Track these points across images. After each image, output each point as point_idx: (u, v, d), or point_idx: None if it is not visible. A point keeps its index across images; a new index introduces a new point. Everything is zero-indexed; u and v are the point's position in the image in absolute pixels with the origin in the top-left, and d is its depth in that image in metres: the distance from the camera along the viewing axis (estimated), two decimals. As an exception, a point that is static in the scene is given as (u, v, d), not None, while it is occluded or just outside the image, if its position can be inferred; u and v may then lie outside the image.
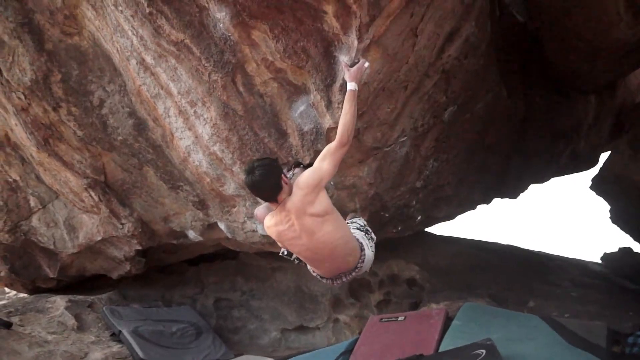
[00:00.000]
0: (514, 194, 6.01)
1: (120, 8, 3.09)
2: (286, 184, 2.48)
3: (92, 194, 4.22)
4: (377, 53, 2.78)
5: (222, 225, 4.17)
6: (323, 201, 2.47)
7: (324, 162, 2.48)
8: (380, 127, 3.28)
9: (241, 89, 3.14)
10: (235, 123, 3.30)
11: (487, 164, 4.78)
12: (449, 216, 5.14)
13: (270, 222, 2.60)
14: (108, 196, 4.25)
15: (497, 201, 5.88)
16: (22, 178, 4.51)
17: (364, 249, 2.68)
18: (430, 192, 4.16)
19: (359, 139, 3.22)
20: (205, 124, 3.39)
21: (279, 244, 2.74)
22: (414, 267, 4.79)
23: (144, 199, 4.28)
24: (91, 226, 4.51)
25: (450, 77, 3.51)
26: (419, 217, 4.25)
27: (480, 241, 6.41)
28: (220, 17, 2.80)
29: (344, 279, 2.68)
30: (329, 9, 2.56)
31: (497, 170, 5.11)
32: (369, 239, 2.79)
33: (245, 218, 3.95)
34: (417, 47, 3.01)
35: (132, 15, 3.07)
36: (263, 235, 4.05)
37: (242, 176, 3.55)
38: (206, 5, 2.80)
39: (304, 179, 2.49)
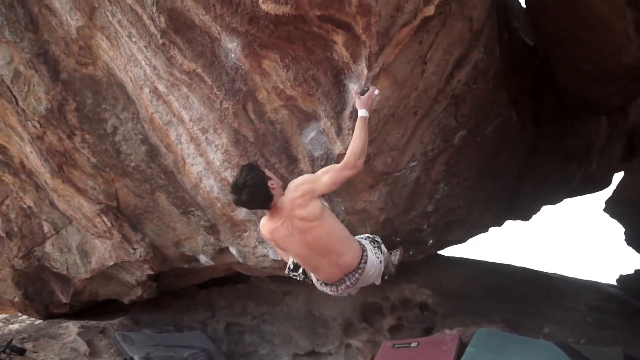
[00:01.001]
0: (526, 216, 5.95)
1: (134, 39, 3.16)
2: (274, 189, 2.55)
3: (105, 219, 4.25)
4: (386, 80, 2.81)
5: (233, 250, 4.17)
6: (313, 209, 2.49)
7: (325, 176, 2.52)
8: (391, 152, 3.29)
9: (252, 116, 3.18)
10: (246, 149, 3.33)
11: (498, 186, 4.75)
12: (461, 239, 5.10)
13: (264, 221, 2.68)
14: (120, 221, 4.29)
15: (509, 223, 5.84)
16: (36, 204, 4.57)
17: (365, 251, 2.66)
18: (442, 216, 4.13)
19: (370, 164, 3.22)
20: (216, 150, 3.43)
21: (274, 245, 2.75)
22: (426, 291, 4.73)
23: (155, 224, 4.30)
24: (103, 251, 4.54)
25: (459, 102, 3.52)
26: (431, 241, 4.22)
27: (493, 263, 6.33)
28: (232, 47, 2.85)
29: (348, 283, 2.63)
30: (339, 39, 2.60)
31: (509, 193, 5.08)
32: (374, 246, 2.78)
33: (257, 243, 3.96)
34: (426, 73, 3.03)
35: (145, 46, 3.14)
36: (274, 260, 4.05)
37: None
38: (218, 36, 2.85)
39: (299, 182, 2.55)
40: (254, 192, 2.50)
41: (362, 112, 2.64)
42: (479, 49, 3.37)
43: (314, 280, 2.83)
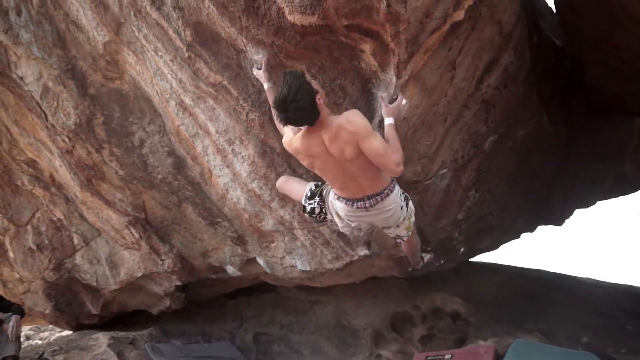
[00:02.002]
0: (559, 221, 5.79)
1: (160, 53, 3.17)
2: (321, 105, 2.39)
3: (133, 231, 4.28)
4: (415, 88, 2.74)
5: (260, 261, 4.15)
6: (354, 150, 2.39)
7: (377, 142, 2.38)
8: (420, 160, 3.22)
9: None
10: (273, 160, 3.30)
11: (529, 191, 4.62)
12: (493, 246, 4.97)
13: (295, 134, 2.52)
14: (148, 233, 4.31)
15: (541, 228, 5.68)
16: (66, 217, 4.63)
17: (394, 186, 2.63)
18: (473, 223, 4.04)
19: (399, 173, 3.16)
20: (243, 162, 3.41)
21: (301, 157, 2.60)
22: (458, 300, 4.62)
23: (183, 235, 4.31)
24: (132, 262, 4.57)
25: (489, 107, 3.43)
26: (462, 249, 4.12)
27: (525, 269, 6.16)
28: (258, 59, 2.83)
29: (367, 203, 2.58)
30: (367, 47, 2.55)
31: (541, 197, 4.94)
32: (402, 196, 2.75)
33: (284, 253, 3.92)
34: (455, 79, 2.96)
35: (171, 60, 3.14)
36: (302, 271, 4.01)
37: (281, 212, 3.57)
38: (244, 48, 2.83)
39: (355, 120, 2.38)
40: (303, 110, 2.33)
41: (388, 120, 2.58)
42: (509, 52, 3.29)
43: (331, 199, 2.77)
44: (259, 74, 2.79)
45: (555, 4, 4.42)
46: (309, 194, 2.91)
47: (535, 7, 4.48)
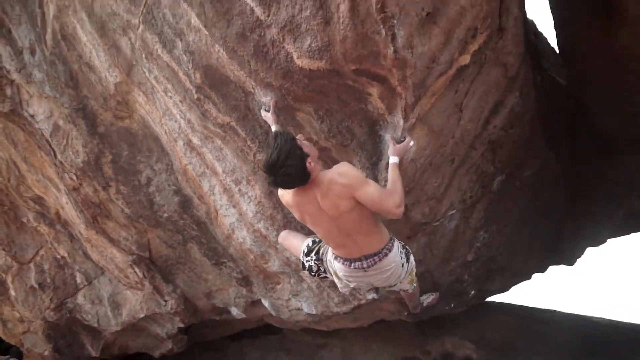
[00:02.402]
0: (570, 260, 5.68)
1: (169, 94, 3.21)
2: (312, 167, 2.35)
3: (137, 270, 4.23)
4: (423, 130, 2.75)
5: (266, 303, 4.07)
6: (348, 203, 2.35)
7: (372, 188, 2.34)
8: (428, 202, 3.19)
9: (286, 167, 3.14)
10: (279, 201, 3.26)
11: (539, 230, 4.55)
12: (504, 288, 4.86)
13: (289, 190, 2.48)
14: (152, 272, 4.26)
15: (553, 268, 5.57)
16: (70, 254, 4.60)
17: (393, 242, 2.55)
18: (482, 265, 3.96)
19: (407, 215, 3.13)
20: (249, 202, 3.39)
21: (294, 211, 2.57)
22: (470, 345, 4.49)
23: (187, 274, 4.26)
24: (135, 303, 4.50)
25: (496, 148, 3.42)
26: (472, 292, 4.03)
27: (538, 310, 6.00)
28: (266, 101, 2.85)
29: (364, 264, 2.51)
30: (374, 91, 2.56)
31: (551, 236, 4.87)
32: (402, 250, 2.67)
33: (290, 295, 3.85)
34: (462, 121, 2.97)
35: (180, 101, 3.18)
36: (308, 314, 3.92)
37: (287, 253, 3.52)
38: (252, 90, 2.86)
39: (346, 172, 2.35)
40: (292, 175, 2.30)
41: (393, 159, 2.57)
42: (514, 93, 3.31)
43: (329, 258, 2.71)
44: (267, 116, 2.81)
45: (557, 44, 4.47)
46: (306, 250, 2.87)
47: (537, 47, 4.54)
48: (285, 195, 2.54)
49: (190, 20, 2.72)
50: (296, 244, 3.03)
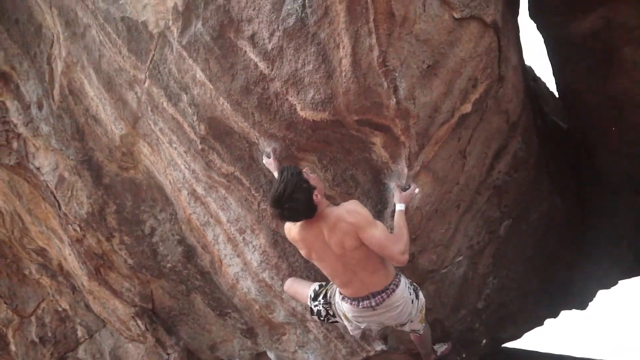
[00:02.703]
0: (582, 304, 5.55)
1: (174, 145, 3.24)
2: (319, 200, 2.34)
3: (139, 322, 4.15)
4: (427, 177, 2.74)
5: (271, 355, 3.95)
6: (355, 241, 2.33)
7: (378, 232, 2.32)
8: (435, 249, 3.15)
9: (290, 216, 3.13)
10: (284, 250, 3.25)
11: (549, 274, 4.47)
12: (516, 335, 4.74)
13: (293, 223, 2.46)
14: (155, 325, 4.17)
15: (565, 313, 5.43)
16: (71, 307, 4.53)
17: (400, 278, 2.52)
18: (493, 312, 3.87)
19: (414, 262, 3.08)
20: (254, 251, 3.35)
21: (300, 247, 2.54)
22: (482, 397, 4.31)
23: (190, 326, 4.16)
24: (137, 357, 4.39)
25: (502, 192, 3.41)
26: (484, 341, 3.91)
27: (552, 355, 5.80)
28: (270, 150, 2.87)
29: (372, 302, 2.46)
30: (377, 140, 2.58)
31: (561, 280, 4.77)
32: (410, 286, 2.63)
33: (296, 347, 3.74)
34: (466, 167, 2.97)
35: (185, 152, 3.21)
36: (315, 367, 3.80)
37: (293, 303, 3.45)
38: (256, 140, 2.89)
39: (355, 211, 2.33)
40: (299, 208, 2.29)
41: (400, 206, 2.57)
42: (516, 139, 3.33)
43: (337, 300, 2.66)
44: (269, 162, 2.82)
45: (557, 90, 4.53)
46: (312, 295, 2.83)
47: (537, 92, 4.60)
48: (292, 230, 2.53)
49: (196, 75, 2.78)
50: (302, 290, 2.99)
